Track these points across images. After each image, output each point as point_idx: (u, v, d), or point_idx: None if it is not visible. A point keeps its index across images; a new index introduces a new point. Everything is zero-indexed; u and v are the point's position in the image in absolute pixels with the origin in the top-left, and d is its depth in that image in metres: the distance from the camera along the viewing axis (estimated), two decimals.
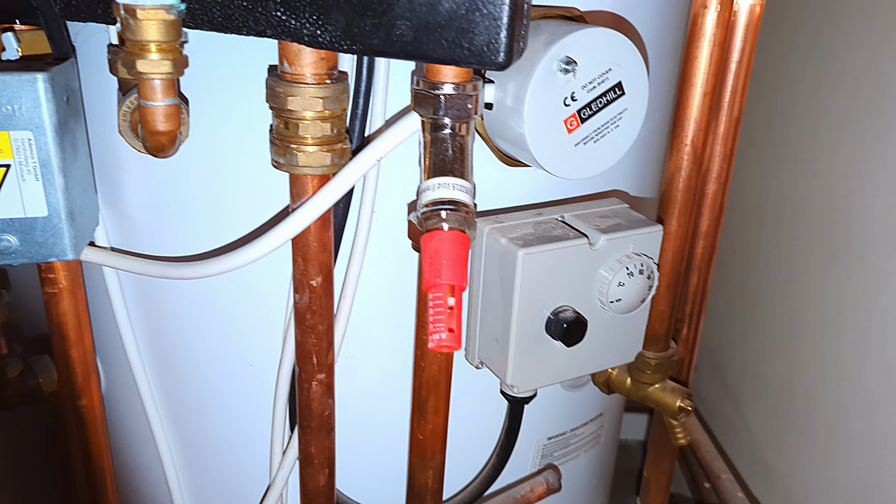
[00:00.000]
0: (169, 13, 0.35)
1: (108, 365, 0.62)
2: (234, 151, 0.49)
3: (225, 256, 0.45)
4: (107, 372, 0.62)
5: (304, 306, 0.47)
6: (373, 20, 0.37)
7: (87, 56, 0.46)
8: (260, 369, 0.57)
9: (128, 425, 0.63)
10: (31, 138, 0.40)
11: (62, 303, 0.53)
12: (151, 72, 0.36)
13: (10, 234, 0.41)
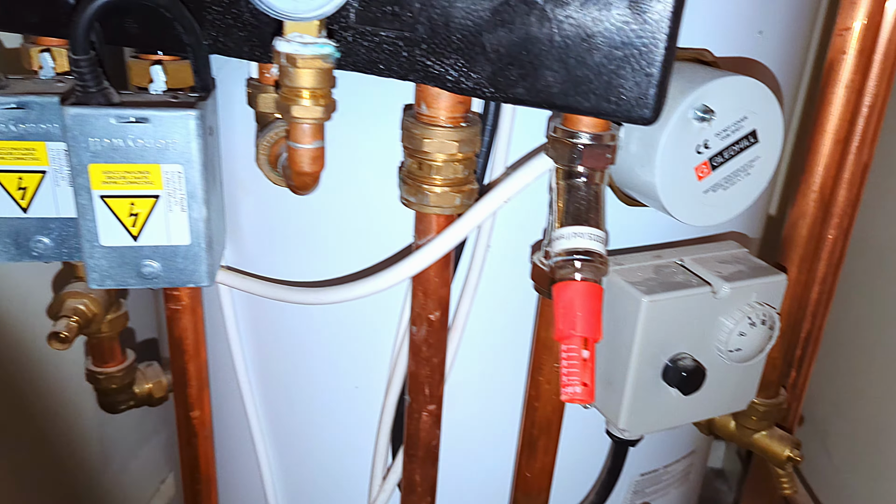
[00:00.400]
0: (325, 62, 0.36)
1: (216, 379, 0.64)
2: (354, 184, 0.50)
3: (352, 285, 0.46)
4: (214, 386, 0.64)
5: (420, 339, 0.48)
6: (520, 70, 0.37)
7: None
8: (365, 391, 0.58)
9: (230, 439, 0.65)
10: (180, 171, 0.41)
11: (183, 319, 0.55)
12: (304, 117, 0.37)
13: (154, 259, 0.43)
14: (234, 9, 0.41)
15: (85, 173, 0.41)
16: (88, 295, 0.57)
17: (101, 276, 0.43)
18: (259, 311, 0.59)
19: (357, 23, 0.37)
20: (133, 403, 0.66)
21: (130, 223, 0.42)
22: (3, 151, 0.43)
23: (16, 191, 0.45)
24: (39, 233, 0.46)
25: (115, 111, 0.39)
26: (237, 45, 0.43)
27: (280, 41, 0.35)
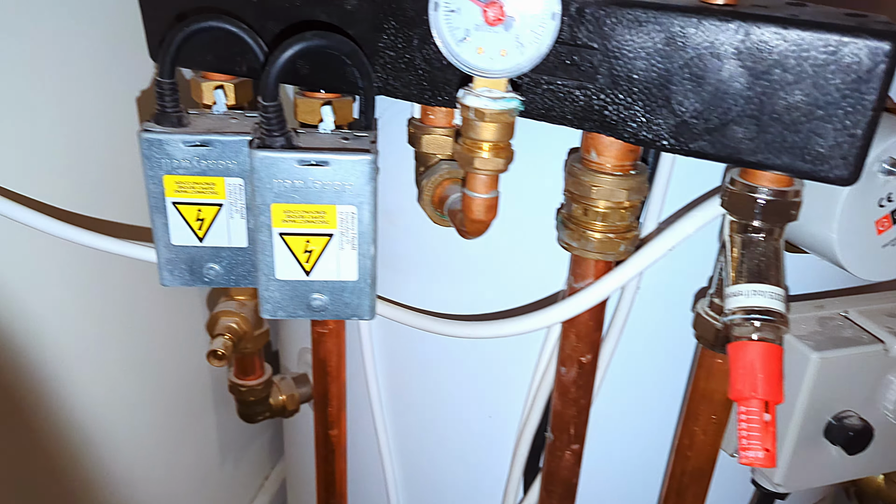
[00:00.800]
0: (511, 115, 0.36)
1: (349, 400, 0.66)
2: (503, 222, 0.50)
3: (507, 322, 0.47)
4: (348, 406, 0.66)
5: (569, 380, 0.48)
6: (706, 124, 0.36)
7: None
8: (498, 421, 0.58)
9: (359, 458, 0.67)
10: (354, 212, 0.43)
11: (328, 342, 0.57)
12: (486, 168, 0.38)
13: (323, 293, 0.45)
14: (407, 55, 0.42)
15: (268, 212, 0.43)
16: (239, 314, 0.60)
17: (273, 307, 0.45)
18: (395, 337, 0.60)
19: (538, 73, 0.38)
20: (269, 415, 0.69)
21: (304, 259, 0.44)
22: (187, 185, 0.46)
23: (194, 221, 0.47)
24: (212, 260, 0.49)
25: (299, 155, 0.41)
26: (406, 87, 0.44)
27: (469, 95, 0.36)
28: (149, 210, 0.47)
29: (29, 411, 0.59)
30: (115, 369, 0.68)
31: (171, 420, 0.81)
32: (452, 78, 0.42)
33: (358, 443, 0.66)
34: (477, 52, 0.34)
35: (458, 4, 0.34)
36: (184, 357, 0.81)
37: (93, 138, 0.61)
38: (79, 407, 0.65)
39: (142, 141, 0.44)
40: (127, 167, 0.65)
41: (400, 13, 0.41)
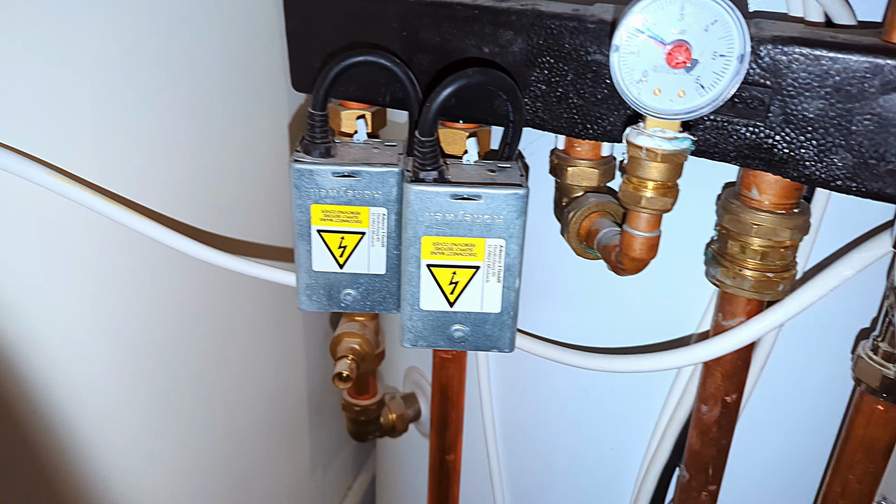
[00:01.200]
0: (683, 156, 0.36)
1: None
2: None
3: (651, 356, 0.46)
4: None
5: (711, 419, 0.47)
6: (888, 166, 0.35)
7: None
8: (621, 454, 0.57)
9: (469, 483, 0.67)
10: (502, 245, 0.43)
11: (451, 367, 0.57)
12: (651, 208, 0.37)
13: (465, 325, 0.45)
14: (560, 89, 0.42)
15: (418, 244, 0.43)
16: (361, 335, 0.61)
17: (415, 336, 0.46)
18: (511, 363, 0.60)
19: (709, 114, 0.37)
20: (379, 434, 0.70)
21: (449, 290, 0.44)
22: (332, 214, 0.47)
23: (336, 248, 0.48)
24: (350, 286, 0.49)
25: (453, 189, 0.41)
26: (556, 120, 0.44)
27: (641, 135, 0.36)
28: (294, 237, 0.48)
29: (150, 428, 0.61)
30: (228, 382, 0.70)
31: (271, 429, 0.82)
32: (606, 113, 0.41)
33: (468, 468, 0.66)
34: (654, 93, 0.34)
35: (639, 46, 0.33)
36: (281, 369, 0.83)
37: (222, 161, 0.63)
38: (200, 419, 0.67)
39: (293, 171, 0.45)
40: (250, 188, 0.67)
41: (556, 49, 0.41)
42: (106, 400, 0.54)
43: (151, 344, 0.57)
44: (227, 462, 0.73)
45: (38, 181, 0.44)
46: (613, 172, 0.46)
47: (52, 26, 0.43)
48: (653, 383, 0.53)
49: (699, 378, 0.48)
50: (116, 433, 0.56)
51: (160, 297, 0.57)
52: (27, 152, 0.44)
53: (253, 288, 0.71)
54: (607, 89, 0.40)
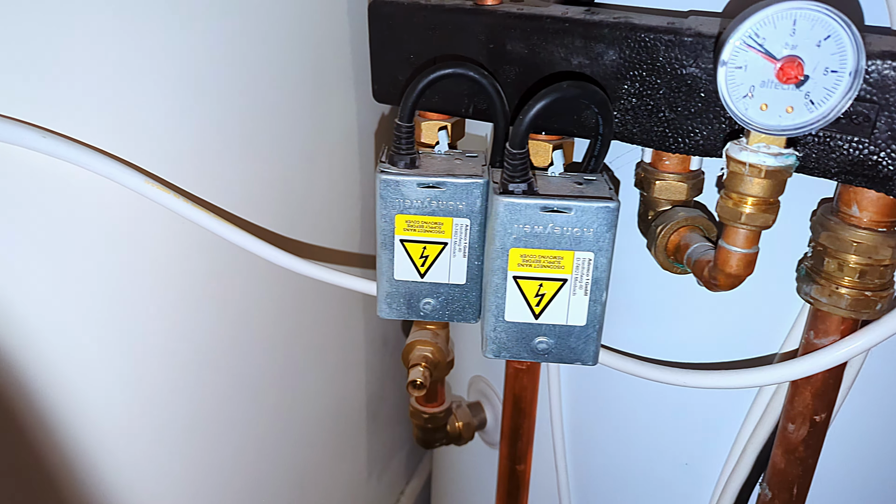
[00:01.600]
0: (788, 172, 0.35)
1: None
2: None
3: (743, 373, 0.45)
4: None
5: (798, 438, 0.46)
6: None
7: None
8: (696, 470, 0.57)
9: (536, 494, 0.67)
10: (591, 258, 0.43)
11: (524, 378, 0.57)
12: (751, 224, 0.37)
13: (549, 337, 0.45)
14: (651, 102, 0.42)
15: (505, 256, 0.43)
16: (434, 343, 0.61)
17: (498, 347, 0.46)
18: (583, 375, 0.60)
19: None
20: (445, 441, 0.70)
21: (535, 302, 0.44)
22: (416, 224, 0.47)
23: (418, 258, 0.49)
24: (429, 296, 0.50)
25: (543, 202, 0.41)
26: (645, 134, 0.43)
27: (744, 150, 0.35)
28: (377, 245, 0.48)
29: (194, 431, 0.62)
30: (292, 388, 0.71)
31: (331, 436, 0.83)
32: (699, 127, 0.41)
33: (536, 479, 0.66)
34: (760, 109, 0.34)
35: (746, 61, 0.33)
36: (343, 376, 0.84)
37: (294, 168, 0.64)
38: (264, 424, 0.68)
39: (379, 182, 0.46)
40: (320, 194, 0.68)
41: (649, 62, 0.41)
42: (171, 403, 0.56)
43: (220, 349, 0.58)
44: (287, 467, 0.74)
45: (137, 189, 0.45)
46: (701, 187, 0.46)
47: (142, 36, 0.44)
48: (732, 400, 0.52)
49: (786, 396, 0.47)
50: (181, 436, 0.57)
51: (231, 302, 0.58)
52: (126, 160, 0.45)
53: (320, 295, 0.72)
54: (701, 103, 0.40)
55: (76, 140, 0.41)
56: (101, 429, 0.47)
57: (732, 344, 0.51)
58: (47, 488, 0.44)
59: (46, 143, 0.38)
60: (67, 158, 0.40)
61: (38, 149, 0.38)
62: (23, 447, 0.42)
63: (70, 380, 0.44)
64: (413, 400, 0.68)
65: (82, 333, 0.44)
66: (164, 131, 0.48)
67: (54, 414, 0.43)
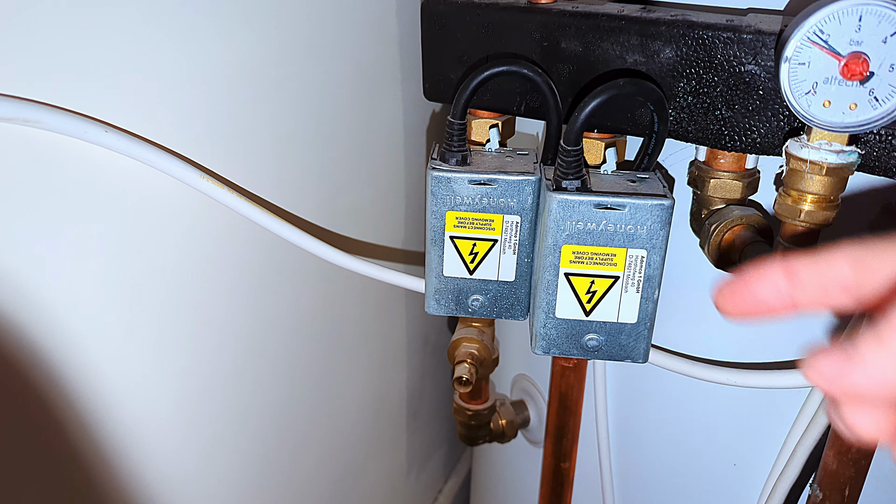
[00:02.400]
0: (850, 170, 0.35)
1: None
2: None
3: (791, 373, 0.45)
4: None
5: (851, 440, 0.45)
6: None
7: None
8: (744, 471, 0.56)
9: (579, 491, 0.67)
10: (643, 256, 0.43)
11: (570, 377, 0.58)
12: (811, 222, 0.36)
13: (599, 334, 0.45)
14: (708, 101, 0.42)
15: (557, 252, 0.43)
16: (480, 341, 0.61)
17: (548, 344, 0.46)
18: (630, 373, 0.60)
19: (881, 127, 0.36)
20: (488, 438, 0.70)
21: (586, 299, 0.45)
22: (466, 220, 0.48)
23: (468, 255, 0.49)
24: (478, 292, 0.50)
25: (597, 199, 0.42)
26: (701, 132, 0.43)
27: (805, 147, 0.35)
28: (426, 242, 0.49)
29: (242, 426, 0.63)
30: (336, 385, 0.72)
31: (373, 433, 0.84)
32: (756, 125, 0.41)
33: (579, 477, 0.66)
34: (822, 105, 0.33)
35: (810, 58, 0.33)
36: (384, 373, 0.84)
37: (339, 162, 0.65)
38: (306, 421, 0.69)
39: (430, 178, 0.46)
40: (364, 190, 0.69)
41: (706, 59, 0.41)
42: (214, 398, 0.57)
43: (263, 345, 0.59)
44: (328, 463, 0.75)
45: (191, 184, 0.46)
46: (757, 185, 0.45)
47: (195, 32, 0.45)
48: (783, 400, 0.52)
49: None
50: (223, 431, 0.58)
51: (274, 297, 0.59)
52: (183, 154, 0.47)
53: (362, 293, 0.73)
54: (759, 101, 0.40)
55: (134, 134, 0.42)
56: (143, 423, 0.47)
57: (784, 343, 0.51)
58: (87, 485, 0.46)
59: (108, 137, 0.39)
60: (127, 153, 0.41)
61: (100, 143, 0.39)
62: (62, 442, 0.43)
63: (113, 379, 0.45)
64: (458, 396, 0.69)
65: (124, 330, 0.45)
66: (217, 129, 0.49)
67: (91, 408, 0.44)
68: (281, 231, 0.50)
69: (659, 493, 0.62)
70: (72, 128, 0.37)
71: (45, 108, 0.36)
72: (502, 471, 0.82)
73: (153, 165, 0.43)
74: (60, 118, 0.36)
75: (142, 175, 0.44)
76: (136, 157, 0.41)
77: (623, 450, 0.63)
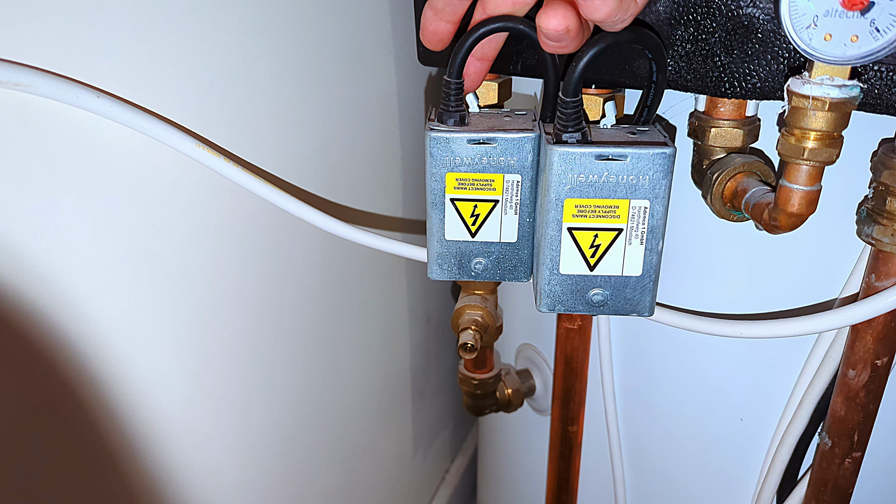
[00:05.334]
0: (852, 104, 0.35)
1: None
2: None
3: (803, 319, 0.44)
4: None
5: (859, 384, 0.46)
6: None
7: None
8: (750, 425, 0.56)
9: (588, 456, 0.67)
10: (646, 206, 0.42)
11: (576, 339, 0.57)
12: (815, 160, 0.36)
13: (604, 289, 0.45)
14: (706, 47, 0.42)
15: (560, 207, 0.43)
16: (483, 308, 0.61)
17: (553, 301, 0.46)
18: (634, 332, 0.60)
19: (888, 60, 0.36)
20: (494, 408, 0.70)
21: (590, 254, 0.44)
22: (466, 181, 0.47)
23: (469, 217, 0.49)
24: (480, 255, 0.50)
25: (598, 150, 0.41)
26: (700, 80, 0.43)
27: (807, 84, 0.35)
28: (427, 206, 0.49)
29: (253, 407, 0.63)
30: (339, 363, 0.72)
31: (377, 412, 0.84)
32: (756, 69, 0.40)
33: (587, 441, 0.66)
34: (824, 39, 0.33)
35: None
36: (387, 350, 0.84)
37: (336, 134, 0.64)
38: (309, 399, 0.69)
39: (429, 139, 0.46)
40: (360, 158, 0.69)
41: (704, 5, 0.41)
42: (217, 378, 0.57)
43: (265, 321, 0.59)
44: (335, 443, 0.75)
45: (187, 152, 0.46)
46: (758, 133, 0.45)
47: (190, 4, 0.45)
48: (788, 350, 0.52)
49: (846, 343, 0.46)
50: (232, 410, 0.58)
51: (276, 272, 0.59)
52: (179, 123, 0.46)
53: (363, 270, 0.73)
54: (758, 44, 0.40)
55: (128, 101, 0.41)
56: (148, 397, 0.47)
57: (788, 293, 0.51)
58: (102, 457, 0.45)
59: (100, 103, 0.39)
60: (120, 120, 0.40)
61: (92, 109, 0.38)
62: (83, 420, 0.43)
63: (122, 351, 0.45)
64: (462, 366, 0.69)
65: (132, 303, 0.45)
66: (211, 98, 0.48)
67: (103, 380, 0.44)
68: (278, 200, 0.50)
69: (666, 452, 0.62)
70: (63, 93, 0.36)
71: (36, 72, 0.35)
72: (509, 443, 0.82)
73: (147, 133, 0.42)
74: (52, 83, 0.36)
75: (139, 144, 0.43)
76: (129, 124, 0.41)
77: (629, 411, 0.63)
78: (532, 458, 0.75)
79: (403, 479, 0.98)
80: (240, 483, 0.58)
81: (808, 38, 0.33)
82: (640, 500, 0.65)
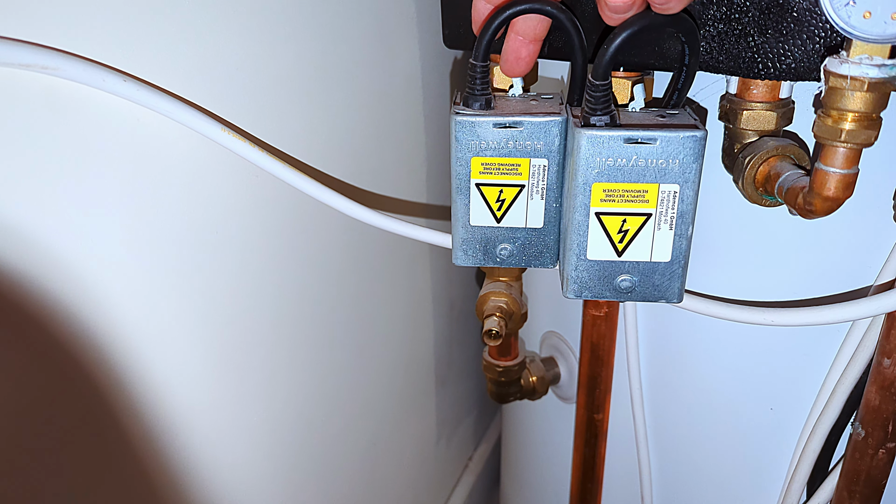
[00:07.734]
0: (892, 84, 0.34)
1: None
2: None
3: (839, 307, 0.43)
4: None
5: (894, 374, 0.45)
6: None
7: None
8: (781, 414, 0.55)
9: (614, 444, 0.66)
10: (676, 191, 0.42)
11: (602, 326, 0.57)
12: (853, 141, 0.35)
13: (632, 275, 0.44)
14: (739, 27, 0.41)
15: (587, 191, 0.42)
16: (508, 294, 0.61)
17: (580, 287, 0.45)
18: (661, 320, 0.59)
19: None
20: (519, 395, 0.70)
21: (618, 239, 0.44)
22: (492, 166, 0.47)
23: (494, 202, 0.48)
24: (506, 241, 0.49)
25: (627, 133, 0.41)
26: (733, 61, 0.42)
27: (845, 63, 0.34)
28: (452, 191, 0.48)
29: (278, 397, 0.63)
30: (364, 349, 0.72)
31: (400, 399, 0.84)
32: (791, 49, 0.39)
33: (613, 429, 0.66)
34: (863, 17, 0.32)
35: None
36: (411, 338, 0.84)
37: (360, 119, 0.64)
38: (332, 386, 0.69)
39: (454, 123, 0.45)
40: (384, 145, 0.68)
41: None
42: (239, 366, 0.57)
43: (290, 308, 0.59)
44: (358, 430, 0.75)
45: (212, 137, 0.46)
46: (791, 116, 0.44)
47: None
48: (820, 339, 0.51)
49: (881, 331, 0.45)
50: (256, 397, 0.58)
51: (300, 256, 0.59)
52: (203, 107, 0.46)
53: (386, 257, 0.72)
54: (794, 23, 0.38)
55: (154, 85, 0.41)
56: (173, 379, 0.47)
57: (822, 280, 0.49)
58: (119, 439, 0.46)
59: (126, 87, 0.39)
60: (146, 104, 0.40)
61: (118, 92, 0.38)
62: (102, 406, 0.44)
63: (143, 339, 0.45)
64: (487, 353, 0.68)
65: (154, 291, 0.45)
66: (236, 83, 0.48)
67: (124, 368, 0.44)
68: (302, 185, 0.50)
69: (693, 441, 0.61)
70: (89, 76, 0.36)
71: (62, 55, 0.35)
72: (533, 430, 0.82)
73: (173, 117, 0.42)
74: (78, 66, 0.36)
75: (164, 128, 0.43)
76: (155, 108, 0.41)
77: (656, 400, 0.62)
78: (556, 445, 0.75)
79: (427, 465, 0.99)
80: (264, 471, 0.59)
81: (847, 15, 0.32)
82: (666, 488, 0.65)
